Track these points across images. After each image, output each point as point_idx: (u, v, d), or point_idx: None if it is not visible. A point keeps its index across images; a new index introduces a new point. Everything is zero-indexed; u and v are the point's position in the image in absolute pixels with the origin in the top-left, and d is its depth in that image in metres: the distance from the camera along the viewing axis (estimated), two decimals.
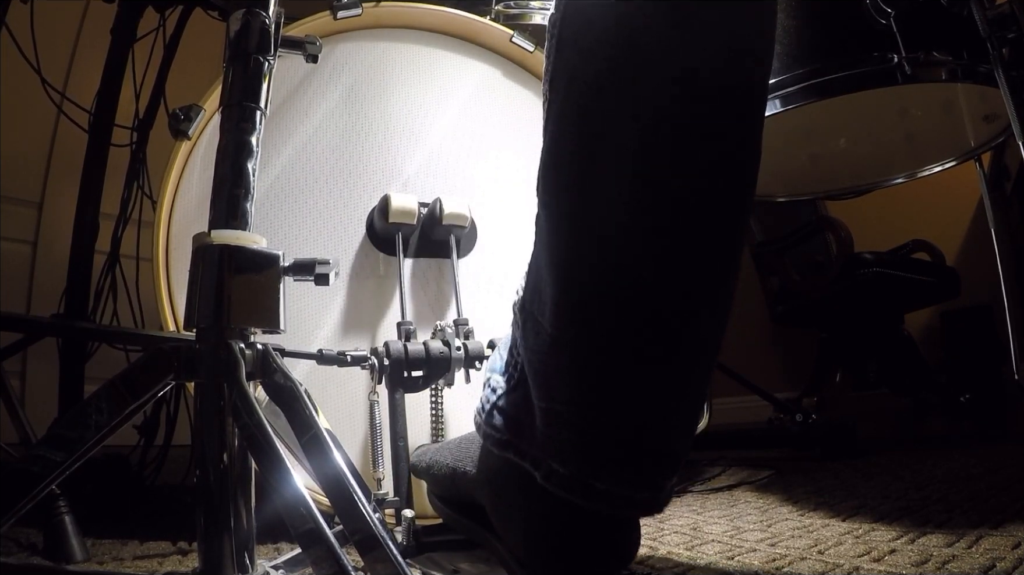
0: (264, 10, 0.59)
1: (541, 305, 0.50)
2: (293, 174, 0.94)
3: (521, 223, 1.03)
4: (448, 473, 0.66)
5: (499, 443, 0.54)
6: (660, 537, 0.84)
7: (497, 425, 0.54)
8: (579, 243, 0.47)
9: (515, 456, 0.52)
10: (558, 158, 0.49)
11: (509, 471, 0.53)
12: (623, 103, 0.45)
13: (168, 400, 1.25)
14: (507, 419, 0.54)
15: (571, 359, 0.48)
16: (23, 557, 0.78)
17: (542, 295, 0.50)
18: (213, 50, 0.67)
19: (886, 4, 0.84)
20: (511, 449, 0.52)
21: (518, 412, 0.53)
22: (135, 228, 1.28)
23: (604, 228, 0.46)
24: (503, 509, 0.55)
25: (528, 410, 0.51)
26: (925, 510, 0.87)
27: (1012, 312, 1.14)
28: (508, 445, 0.53)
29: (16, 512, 0.46)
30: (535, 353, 0.51)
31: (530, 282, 0.53)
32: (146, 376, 0.51)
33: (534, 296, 0.52)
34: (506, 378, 0.55)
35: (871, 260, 1.81)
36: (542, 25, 1.16)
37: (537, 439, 0.50)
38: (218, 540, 0.49)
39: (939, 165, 1.14)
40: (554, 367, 0.49)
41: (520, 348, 0.53)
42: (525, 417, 0.52)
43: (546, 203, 0.49)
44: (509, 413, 0.54)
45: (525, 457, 0.51)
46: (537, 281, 0.51)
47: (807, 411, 1.64)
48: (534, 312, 0.51)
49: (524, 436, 0.51)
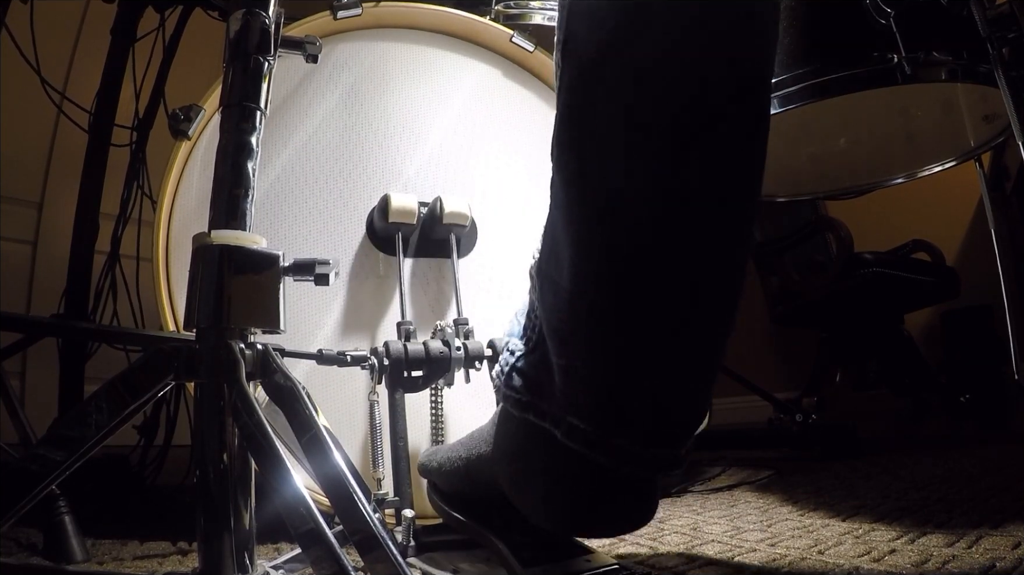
0: (264, 10, 0.59)
1: (558, 265, 0.50)
2: (293, 174, 0.94)
3: (521, 223, 1.03)
4: (462, 464, 0.66)
5: (519, 404, 0.54)
6: (660, 537, 0.84)
7: (517, 386, 0.55)
8: (594, 203, 0.48)
9: (535, 416, 0.52)
10: (571, 123, 0.49)
11: (527, 433, 0.53)
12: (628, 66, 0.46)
13: (168, 400, 1.25)
14: (526, 379, 0.54)
15: (589, 314, 0.48)
16: (23, 557, 0.78)
17: (559, 256, 0.50)
18: (213, 50, 0.67)
19: (886, 4, 0.84)
20: (531, 409, 0.53)
21: (537, 372, 0.53)
22: (135, 228, 1.28)
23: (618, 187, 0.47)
24: (521, 475, 0.55)
25: (547, 370, 0.52)
26: (925, 510, 0.87)
27: (1012, 312, 1.14)
28: (528, 406, 0.53)
29: (16, 512, 0.46)
30: (553, 311, 0.51)
31: (546, 245, 0.54)
32: (146, 376, 0.51)
33: (551, 258, 0.52)
34: (524, 340, 0.56)
35: (871, 260, 1.81)
36: (542, 25, 1.16)
37: (556, 397, 0.51)
38: (218, 540, 0.49)
39: (939, 165, 1.14)
40: (572, 323, 0.49)
41: (538, 309, 0.54)
42: (544, 377, 0.52)
43: (560, 166, 0.50)
44: (528, 374, 0.54)
45: (545, 416, 0.51)
46: (553, 243, 0.52)
47: (807, 411, 1.64)
48: (551, 273, 0.52)
49: (544, 395, 0.52)
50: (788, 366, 2.39)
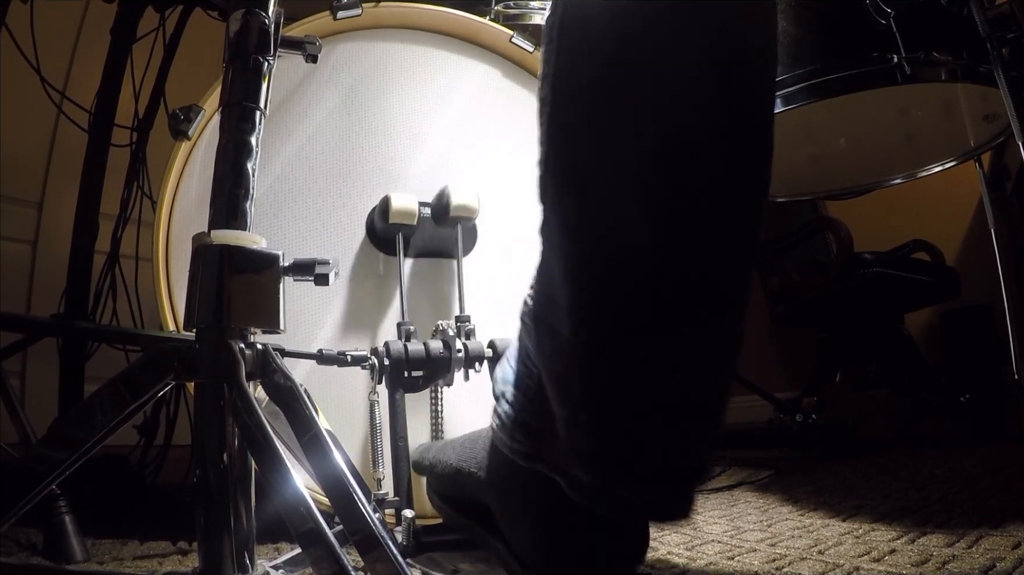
0: (264, 10, 0.59)
1: (555, 310, 0.49)
2: (293, 174, 0.94)
3: (521, 223, 1.03)
4: (452, 472, 0.66)
5: (526, 457, 0.53)
6: (660, 537, 0.84)
7: (521, 440, 0.54)
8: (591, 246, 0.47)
9: (544, 467, 0.51)
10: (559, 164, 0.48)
11: (527, 478, 0.53)
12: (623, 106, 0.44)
13: (168, 400, 1.24)
14: (530, 432, 0.53)
15: (589, 362, 0.47)
16: (23, 557, 0.78)
17: (555, 301, 0.49)
18: (213, 50, 0.67)
19: (886, 4, 0.84)
20: (540, 462, 0.52)
21: (540, 424, 0.52)
22: (135, 228, 1.28)
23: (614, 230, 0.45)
24: (514, 513, 0.55)
25: (549, 419, 0.51)
26: (925, 510, 0.87)
27: (1012, 312, 1.14)
28: (536, 458, 0.52)
29: (16, 512, 0.46)
30: (552, 359, 0.50)
31: (541, 289, 0.52)
32: (146, 376, 0.51)
33: (546, 303, 0.51)
34: (523, 390, 0.55)
35: (871, 260, 1.81)
36: (542, 25, 1.16)
37: (559, 448, 0.50)
38: (218, 540, 0.49)
39: (939, 165, 1.14)
40: (572, 372, 0.48)
41: (535, 358, 0.53)
42: (546, 426, 0.51)
43: (552, 209, 0.49)
44: (531, 426, 0.53)
45: (553, 468, 0.50)
46: (549, 287, 0.51)
47: (807, 411, 1.64)
48: (547, 319, 0.51)
49: (546, 445, 0.51)
50: (788, 366, 2.39)
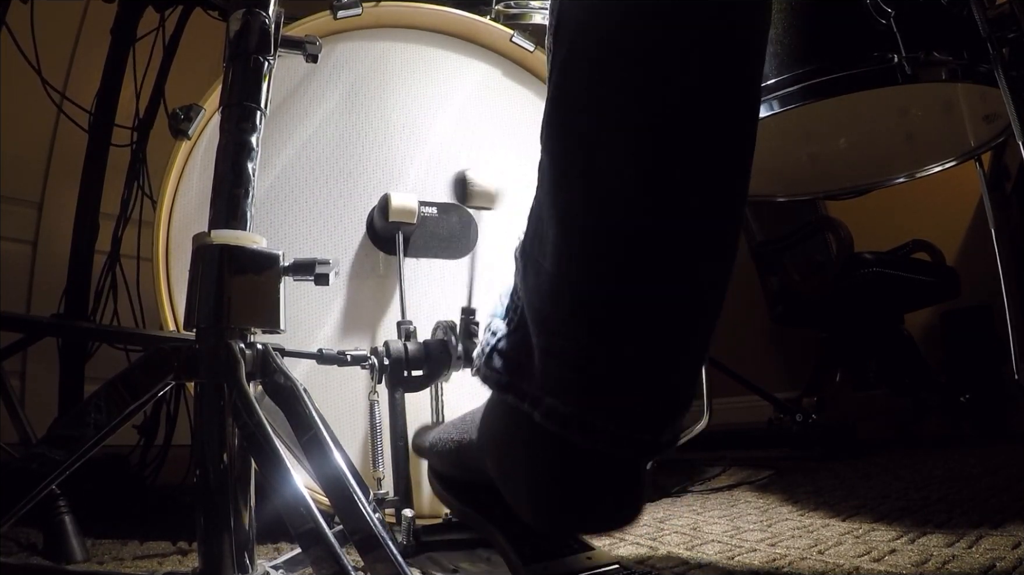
0: (264, 10, 0.59)
1: (542, 247, 0.50)
2: (293, 174, 0.94)
3: (521, 223, 1.03)
4: (453, 447, 0.66)
5: (499, 384, 0.54)
6: (660, 537, 0.84)
7: (497, 366, 0.54)
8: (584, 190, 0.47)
9: (514, 397, 0.52)
10: (564, 109, 0.49)
11: (508, 418, 0.53)
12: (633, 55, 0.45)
13: (168, 400, 1.24)
14: (507, 360, 0.54)
15: (571, 295, 0.48)
16: (23, 557, 0.78)
17: (543, 238, 0.50)
18: (213, 50, 0.67)
19: (886, 4, 0.84)
20: (511, 390, 0.52)
21: (518, 353, 0.53)
22: (135, 228, 1.28)
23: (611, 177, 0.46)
24: (506, 465, 0.55)
25: (527, 351, 0.52)
26: (925, 510, 0.87)
27: (1012, 312, 1.14)
28: (508, 386, 0.53)
29: (16, 512, 0.46)
30: (535, 292, 0.51)
31: (531, 226, 0.54)
32: (146, 376, 0.51)
33: (535, 240, 0.52)
34: (506, 321, 0.56)
35: (871, 260, 1.80)
36: (542, 25, 1.16)
37: (536, 378, 0.50)
38: (218, 540, 0.49)
39: (939, 165, 1.14)
40: (553, 304, 0.49)
41: (520, 291, 0.54)
42: (524, 358, 0.52)
43: (551, 151, 0.50)
44: (509, 354, 0.54)
45: (525, 397, 0.51)
46: (538, 225, 0.52)
47: (807, 411, 1.64)
48: (534, 254, 0.52)
49: (523, 376, 0.52)
50: (788, 366, 2.39)
